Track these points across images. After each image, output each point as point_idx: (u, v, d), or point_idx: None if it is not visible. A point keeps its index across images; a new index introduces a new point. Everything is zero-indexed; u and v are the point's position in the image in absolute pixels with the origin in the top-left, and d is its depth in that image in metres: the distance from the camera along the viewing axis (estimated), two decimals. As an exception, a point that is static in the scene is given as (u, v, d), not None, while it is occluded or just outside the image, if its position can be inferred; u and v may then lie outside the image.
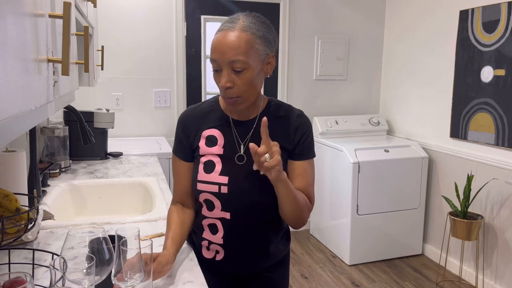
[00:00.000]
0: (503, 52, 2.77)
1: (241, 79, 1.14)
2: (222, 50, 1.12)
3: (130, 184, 2.08)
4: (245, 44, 1.12)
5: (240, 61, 1.11)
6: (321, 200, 3.64)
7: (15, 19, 0.54)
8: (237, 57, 1.11)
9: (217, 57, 1.13)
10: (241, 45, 1.11)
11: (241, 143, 1.25)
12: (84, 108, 2.60)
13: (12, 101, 0.53)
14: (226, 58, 1.12)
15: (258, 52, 1.14)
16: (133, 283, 0.92)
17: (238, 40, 1.11)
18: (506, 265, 2.82)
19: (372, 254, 3.36)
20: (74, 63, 1.19)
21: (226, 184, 1.22)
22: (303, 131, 1.27)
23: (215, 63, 1.15)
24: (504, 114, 2.77)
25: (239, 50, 1.11)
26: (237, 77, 1.14)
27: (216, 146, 1.25)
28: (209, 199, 1.25)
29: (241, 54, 1.11)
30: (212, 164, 1.24)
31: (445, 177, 3.29)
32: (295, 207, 1.20)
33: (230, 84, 1.14)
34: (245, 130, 1.26)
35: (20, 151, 1.41)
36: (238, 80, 1.14)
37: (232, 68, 1.13)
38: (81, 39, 1.36)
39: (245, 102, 1.19)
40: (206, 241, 1.30)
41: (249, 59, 1.12)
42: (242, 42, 1.12)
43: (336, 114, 3.86)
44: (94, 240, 0.93)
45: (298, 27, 3.69)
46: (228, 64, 1.12)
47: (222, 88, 1.15)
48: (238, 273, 1.36)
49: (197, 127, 1.28)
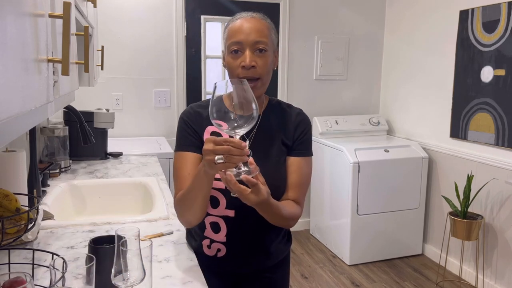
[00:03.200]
0: (503, 52, 2.77)
1: (263, 60, 1.20)
2: (247, 31, 1.19)
3: (130, 184, 2.08)
4: (266, 29, 1.22)
5: (263, 42, 1.20)
6: (321, 200, 3.64)
7: (15, 19, 0.54)
8: (261, 38, 1.19)
9: (242, 38, 1.19)
10: (264, 29, 1.21)
11: (246, 139, 1.26)
12: (84, 108, 2.60)
13: (12, 101, 0.53)
14: (251, 38, 1.18)
15: (273, 41, 1.24)
16: (133, 283, 0.92)
17: (260, 24, 1.21)
18: (506, 265, 2.82)
19: (372, 254, 3.36)
20: (74, 63, 1.19)
21: None
22: (303, 127, 1.30)
23: (238, 44, 1.20)
24: (504, 114, 2.77)
25: (263, 33, 1.20)
26: (259, 58, 1.20)
27: None
28: (215, 196, 1.25)
29: (264, 36, 1.20)
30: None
31: (445, 177, 3.29)
32: (278, 221, 1.21)
33: (254, 63, 1.19)
34: None
35: (20, 151, 1.41)
36: (260, 61, 1.20)
37: (255, 49, 1.19)
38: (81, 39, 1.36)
39: (262, 87, 1.24)
40: (208, 240, 1.30)
41: (269, 43, 1.21)
42: (264, 26, 1.22)
43: (336, 114, 3.86)
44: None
45: (298, 27, 3.69)
46: (252, 45, 1.19)
47: (246, 67, 1.18)
48: (238, 272, 1.36)
49: (201, 123, 1.27)
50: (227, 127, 1.00)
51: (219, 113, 1.00)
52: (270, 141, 1.27)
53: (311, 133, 1.33)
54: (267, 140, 1.27)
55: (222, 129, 1.01)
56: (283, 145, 1.27)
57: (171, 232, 1.46)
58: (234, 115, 1.00)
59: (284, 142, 1.27)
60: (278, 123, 1.29)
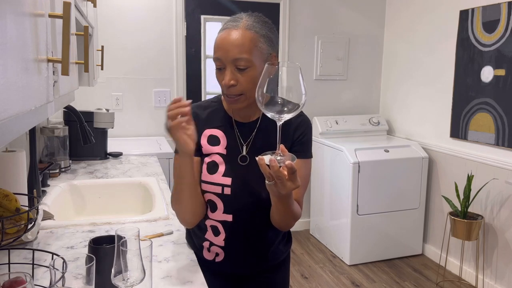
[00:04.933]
0: (503, 52, 2.77)
1: (245, 77, 1.13)
2: (226, 48, 1.12)
3: (130, 184, 2.08)
4: (249, 42, 1.12)
5: (244, 59, 1.11)
6: (321, 200, 3.64)
7: (15, 19, 0.54)
8: (241, 55, 1.11)
9: (221, 55, 1.13)
10: (245, 43, 1.11)
11: (244, 144, 1.25)
12: (84, 108, 2.60)
13: (12, 101, 0.53)
14: (230, 56, 1.12)
15: (261, 51, 1.14)
16: (133, 283, 0.92)
17: (242, 38, 1.12)
18: (506, 265, 2.82)
19: (372, 254, 3.36)
20: (74, 63, 1.19)
21: (229, 185, 1.22)
22: (302, 129, 1.26)
23: (219, 61, 1.14)
24: (504, 114, 2.77)
25: (243, 48, 1.11)
26: (241, 75, 1.13)
27: (219, 146, 1.25)
28: (212, 200, 1.25)
29: (245, 52, 1.11)
30: (215, 165, 1.24)
31: (445, 177, 3.29)
32: (287, 219, 1.20)
33: (234, 82, 1.13)
34: (248, 131, 1.26)
35: (20, 151, 1.41)
36: (241, 78, 1.13)
37: (235, 66, 1.13)
38: (81, 39, 1.36)
39: (247, 100, 1.18)
40: (208, 242, 1.30)
41: (253, 57, 1.12)
42: (246, 40, 1.12)
43: (336, 114, 3.86)
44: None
45: (298, 27, 3.69)
46: (232, 62, 1.12)
47: (225, 86, 1.14)
48: (238, 274, 1.36)
49: (200, 125, 1.26)
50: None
51: (264, 97, 0.96)
52: (269, 145, 1.25)
53: (311, 135, 1.29)
54: (266, 143, 1.25)
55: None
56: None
57: (171, 232, 1.46)
58: (281, 100, 0.96)
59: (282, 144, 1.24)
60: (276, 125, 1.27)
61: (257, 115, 1.27)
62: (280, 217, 1.19)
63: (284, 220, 1.21)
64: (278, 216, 1.19)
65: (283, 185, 1.00)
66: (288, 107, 0.96)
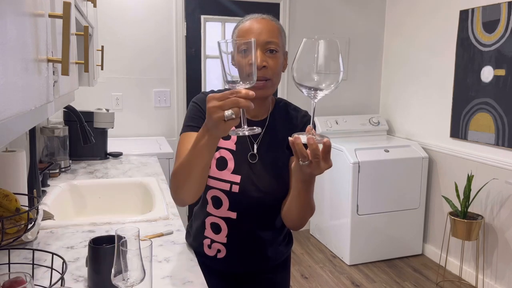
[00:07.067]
0: (503, 52, 2.77)
1: (273, 60, 1.18)
2: (257, 31, 1.17)
3: (130, 184, 2.08)
4: (277, 30, 1.20)
5: (274, 42, 1.18)
6: (321, 200, 3.64)
7: (15, 19, 0.54)
8: (273, 38, 1.18)
9: (254, 37, 1.12)
10: (275, 30, 1.20)
11: (254, 142, 1.25)
12: (84, 108, 2.60)
13: (12, 101, 0.53)
14: (263, 38, 1.16)
15: (283, 43, 1.22)
16: (133, 283, 0.92)
17: (271, 25, 1.20)
18: (506, 265, 2.82)
19: (372, 254, 3.36)
20: (74, 63, 1.19)
21: (238, 183, 1.22)
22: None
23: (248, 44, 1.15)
24: (504, 114, 2.77)
25: (274, 34, 1.19)
26: (270, 58, 1.18)
27: (229, 141, 1.25)
28: (218, 196, 1.24)
29: (275, 37, 1.19)
30: (224, 161, 1.23)
31: (445, 177, 3.29)
32: (306, 211, 1.17)
33: (265, 63, 1.17)
34: None
35: (20, 151, 1.41)
36: (271, 61, 1.17)
37: (266, 50, 1.17)
38: (81, 39, 1.36)
39: (273, 87, 1.21)
40: (209, 239, 1.30)
41: (279, 44, 1.20)
42: (274, 27, 1.20)
43: (336, 114, 3.86)
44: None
45: (298, 27, 3.69)
46: (263, 45, 1.16)
47: (258, 67, 1.12)
48: (238, 273, 1.36)
49: None
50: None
51: (300, 72, 0.92)
52: (276, 144, 1.26)
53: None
54: (274, 143, 1.26)
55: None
56: (287, 149, 1.25)
57: (171, 232, 1.46)
58: (318, 76, 0.93)
59: (288, 146, 1.21)
60: (284, 125, 1.28)
61: (265, 115, 1.28)
62: (300, 208, 1.16)
63: (302, 213, 1.17)
64: (298, 208, 1.16)
65: (317, 165, 0.95)
66: (325, 83, 0.93)
